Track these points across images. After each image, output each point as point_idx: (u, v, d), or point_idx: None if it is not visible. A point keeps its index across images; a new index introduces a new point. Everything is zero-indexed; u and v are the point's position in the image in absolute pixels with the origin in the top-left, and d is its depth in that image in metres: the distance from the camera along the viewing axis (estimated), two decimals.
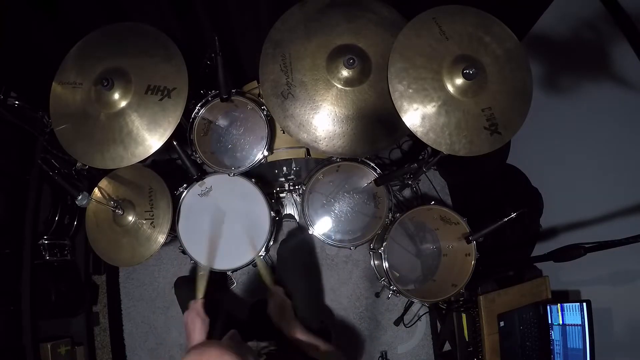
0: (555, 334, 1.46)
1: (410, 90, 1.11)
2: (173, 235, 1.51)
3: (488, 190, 1.86)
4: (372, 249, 1.63)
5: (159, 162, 1.85)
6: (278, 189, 1.76)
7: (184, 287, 1.46)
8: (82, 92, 1.26)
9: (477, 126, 1.12)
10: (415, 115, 1.11)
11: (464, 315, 1.54)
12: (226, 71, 1.30)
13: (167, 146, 1.25)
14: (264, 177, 1.68)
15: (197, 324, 1.12)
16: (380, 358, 1.94)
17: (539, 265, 1.59)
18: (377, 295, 1.96)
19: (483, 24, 1.17)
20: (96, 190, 1.45)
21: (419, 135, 1.11)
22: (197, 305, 1.17)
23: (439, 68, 1.12)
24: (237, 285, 1.95)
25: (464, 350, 1.54)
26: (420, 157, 1.43)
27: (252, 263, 1.49)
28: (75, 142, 1.26)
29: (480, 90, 1.12)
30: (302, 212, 1.56)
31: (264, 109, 1.41)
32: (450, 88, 1.11)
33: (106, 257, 1.46)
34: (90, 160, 1.25)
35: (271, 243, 1.55)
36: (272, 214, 1.50)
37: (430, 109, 1.11)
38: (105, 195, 1.44)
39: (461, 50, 1.13)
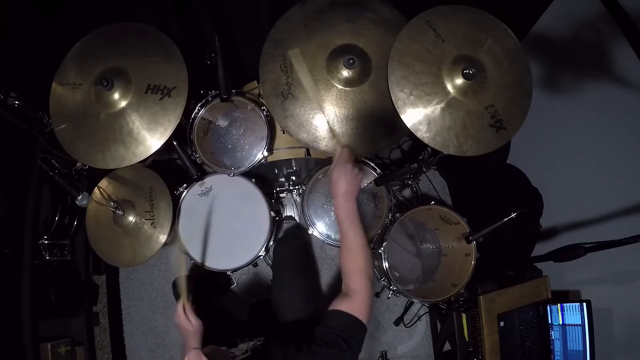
0: (555, 334, 1.46)
1: (413, 97, 1.11)
2: (173, 235, 1.51)
3: (488, 190, 1.86)
4: (372, 249, 1.63)
5: (159, 162, 1.85)
6: (278, 189, 1.77)
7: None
8: (82, 92, 1.26)
9: (482, 124, 1.12)
10: (421, 122, 1.11)
11: (464, 315, 1.54)
12: (226, 71, 1.30)
13: (167, 146, 1.25)
14: (264, 177, 1.68)
15: (186, 329, 1.07)
16: (380, 358, 1.94)
17: (539, 265, 1.59)
18: (377, 295, 1.96)
19: (477, 21, 1.16)
20: (96, 190, 1.45)
21: (426, 141, 1.11)
22: (179, 309, 1.08)
23: (438, 71, 1.12)
24: (237, 285, 1.95)
25: (464, 350, 1.54)
26: (420, 157, 1.43)
27: (252, 263, 1.49)
28: (75, 142, 1.26)
29: (481, 89, 1.12)
30: (302, 212, 1.56)
31: (264, 109, 1.41)
32: (452, 90, 1.11)
33: (107, 258, 1.46)
34: (91, 160, 1.25)
35: (271, 243, 1.55)
36: (272, 214, 1.50)
37: (434, 113, 1.11)
38: (106, 195, 1.44)
39: (458, 50, 1.13)
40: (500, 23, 1.17)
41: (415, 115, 1.11)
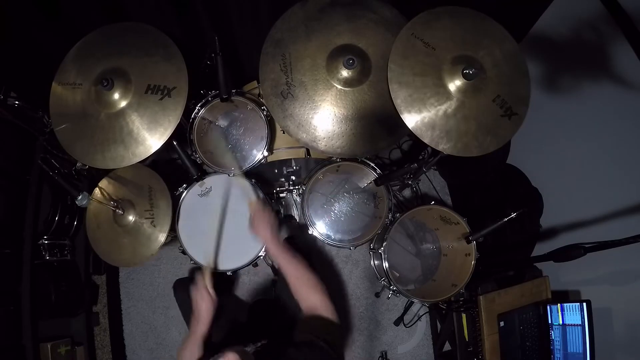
0: (555, 334, 1.46)
1: (424, 115, 1.11)
2: (173, 235, 1.51)
3: (488, 190, 1.86)
4: (372, 249, 1.63)
5: (159, 162, 1.85)
6: (278, 189, 1.77)
7: (183, 288, 1.46)
8: (82, 92, 1.26)
9: (495, 117, 1.13)
10: (441, 136, 1.11)
11: (464, 315, 1.54)
12: (226, 71, 1.30)
13: (167, 146, 1.25)
14: (264, 177, 1.68)
15: (205, 303, 1.10)
16: (380, 358, 1.94)
17: (539, 265, 1.59)
18: (377, 295, 1.96)
19: (458, 19, 1.17)
20: (96, 190, 1.45)
21: (449, 151, 1.11)
22: (207, 282, 1.13)
23: (439, 80, 1.12)
24: (236, 285, 1.95)
25: (464, 350, 1.54)
26: (420, 157, 1.43)
27: (252, 263, 1.49)
28: (75, 142, 1.26)
29: (483, 84, 1.12)
30: (302, 212, 1.56)
31: (264, 109, 1.41)
32: (457, 94, 1.11)
33: (107, 258, 1.46)
34: (90, 160, 1.25)
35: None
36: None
37: (450, 122, 1.11)
38: (106, 195, 1.44)
39: (451, 53, 1.13)
40: (476, 13, 1.17)
41: (433, 130, 1.11)
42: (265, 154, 1.43)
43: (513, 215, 1.26)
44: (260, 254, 1.48)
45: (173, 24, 1.47)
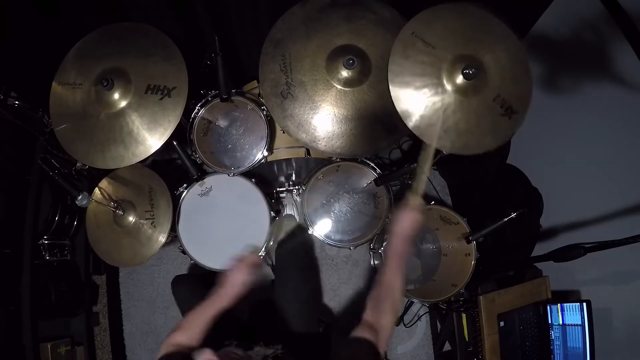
0: (555, 334, 1.46)
1: (423, 114, 1.11)
2: (173, 235, 1.51)
3: (488, 190, 1.86)
4: (372, 248, 1.63)
5: (159, 162, 1.85)
6: (278, 189, 1.77)
7: (182, 285, 1.46)
8: (82, 92, 1.27)
9: (494, 116, 1.12)
10: (441, 136, 1.10)
11: (464, 315, 1.54)
12: (226, 71, 1.30)
13: (167, 146, 1.25)
14: (264, 177, 1.68)
15: (238, 277, 1.10)
16: None
17: (539, 265, 1.59)
18: None
19: (459, 17, 1.15)
20: (97, 190, 1.45)
21: (448, 150, 1.11)
22: (255, 258, 1.12)
23: (439, 80, 1.11)
24: None
25: (464, 350, 1.54)
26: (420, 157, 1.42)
27: None
28: (75, 142, 1.27)
29: (484, 83, 1.11)
30: (302, 212, 1.56)
31: (263, 109, 1.41)
32: (458, 94, 1.11)
33: (107, 258, 1.46)
34: (90, 160, 1.26)
35: (271, 243, 1.55)
36: (272, 214, 1.50)
37: (449, 121, 1.10)
38: (106, 195, 1.44)
39: (452, 53, 1.12)
40: (478, 10, 1.16)
41: (433, 131, 1.10)
42: (265, 153, 1.43)
43: (513, 215, 1.26)
44: (260, 254, 1.48)
45: (173, 24, 1.47)
